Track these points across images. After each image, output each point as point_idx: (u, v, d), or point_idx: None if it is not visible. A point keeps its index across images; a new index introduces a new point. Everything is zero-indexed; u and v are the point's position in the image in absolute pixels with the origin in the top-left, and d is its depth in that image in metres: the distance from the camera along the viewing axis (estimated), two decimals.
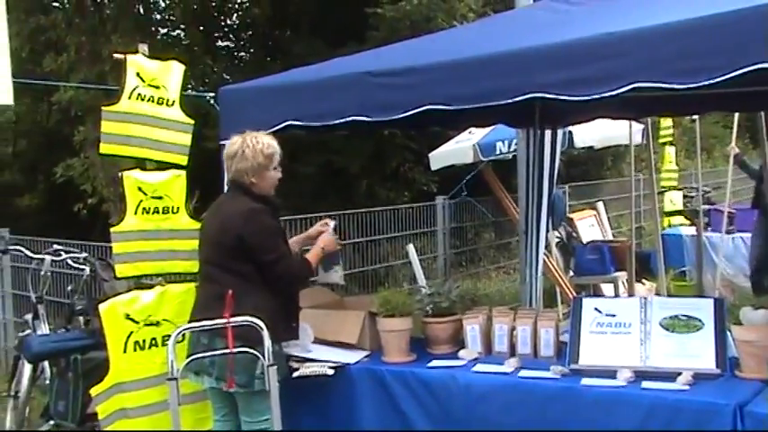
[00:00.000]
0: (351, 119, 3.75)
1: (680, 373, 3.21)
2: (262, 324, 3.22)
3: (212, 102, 4.63)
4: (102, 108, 3.93)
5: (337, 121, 3.81)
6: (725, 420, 2.90)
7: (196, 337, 3.50)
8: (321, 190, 10.41)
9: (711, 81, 2.77)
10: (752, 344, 3.21)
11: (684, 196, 11.20)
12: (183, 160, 4.13)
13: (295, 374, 3.69)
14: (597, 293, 7.79)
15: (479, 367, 3.61)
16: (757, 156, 7.31)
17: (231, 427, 3.66)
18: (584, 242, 8.36)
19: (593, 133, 8.22)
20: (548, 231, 6.08)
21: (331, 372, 3.69)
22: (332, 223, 3.96)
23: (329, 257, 3.93)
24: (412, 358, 3.80)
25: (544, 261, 6.24)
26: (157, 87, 4.05)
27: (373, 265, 8.27)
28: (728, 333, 3.36)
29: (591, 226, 9.32)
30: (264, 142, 3.60)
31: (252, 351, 3.24)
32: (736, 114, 8.01)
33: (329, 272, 4.06)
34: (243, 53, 12.56)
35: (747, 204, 8.39)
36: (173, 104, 4.11)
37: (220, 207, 3.68)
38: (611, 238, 9.53)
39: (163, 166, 4.06)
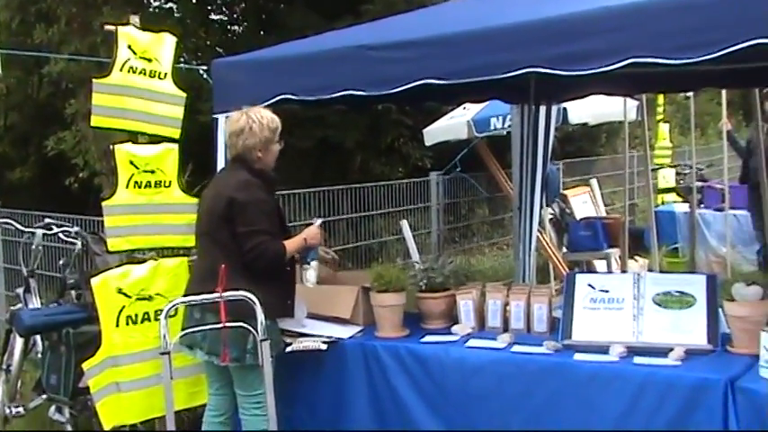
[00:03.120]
0: (345, 93, 3.72)
1: (672, 349, 3.22)
2: (255, 299, 3.21)
3: (205, 75, 4.59)
4: (93, 80, 3.90)
5: (332, 95, 3.78)
6: (716, 395, 2.91)
7: (189, 311, 3.51)
8: (316, 165, 10.37)
9: (709, 56, 2.75)
10: (744, 319, 3.22)
11: (677, 173, 11.23)
12: (176, 134, 4.10)
13: (288, 349, 3.69)
14: (590, 269, 7.82)
15: (472, 342, 3.62)
16: (750, 132, 7.31)
17: (226, 401, 3.67)
18: (578, 218, 8.37)
19: (588, 109, 8.21)
20: (541, 207, 6.08)
21: (324, 347, 3.70)
22: (319, 220, 3.91)
23: (305, 253, 3.77)
24: (405, 333, 3.81)
25: (538, 237, 6.26)
26: (149, 60, 4.01)
27: (367, 240, 8.26)
28: (720, 309, 3.37)
29: (584, 202, 9.33)
30: (268, 116, 3.63)
31: (244, 325, 3.24)
32: (724, 91, 8.00)
33: (302, 270, 3.84)
34: (237, 26, 12.42)
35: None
36: (165, 77, 4.08)
37: (218, 180, 3.70)
38: (604, 214, 9.54)
39: (155, 139, 4.04)
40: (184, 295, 3.54)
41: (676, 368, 3.11)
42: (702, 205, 9.89)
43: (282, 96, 3.91)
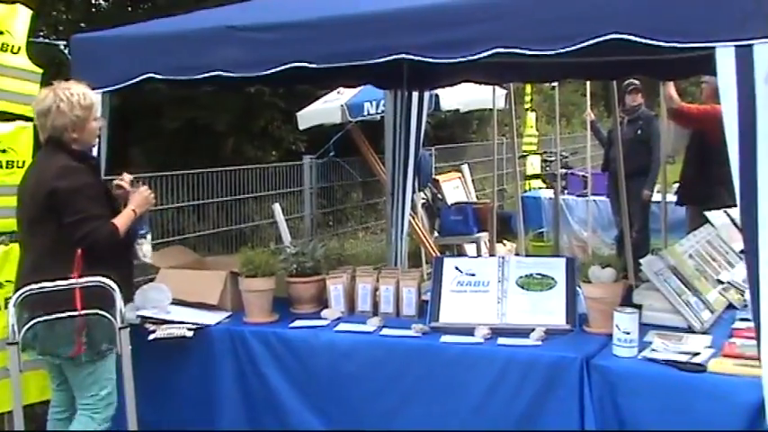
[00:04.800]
0: (214, 74, 3.63)
1: (533, 330, 3.34)
2: (113, 285, 3.07)
3: (66, 51, 4.36)
4: None
5: (200, 76, 3.68)
6: (573, 373, 3.05)
7: (18, 310, 3.12)
8: (186, 147, 10.10)
9: (569, 49, 2.85)
10: (599, 300, 3.38)
11: (543, 161, 11.67)
12: (31, 111, 3.87)
13: (152, 337, 3.57)
14: (461, 253, 8.02)
15: (342, 326, 3.63)
16: (611, 122, 7.69)
17: (69, 397, 3.45)
18: (449, 203, 8.56)
19: (459, 97, 8.39)
20: (414, 192, 6.17)
21: (190, 333, 3.60)
22: (127, 177, 3.57)
23: (136, 226, 3.49)
24: (274, 318, 3.77)
25: (410, 222, 6.34)
26: (1, 33, 3.77)
27: (238, 224, 8.14)
28: (579, 290, 3.53)
29: (456, 188, 9.55)
30: (80, 93, 3.31)
31: (102, 313, 3.07)
32: (588, 83, 8.39)
33: (135, 246, 3.55)
34: (101, 1, 11.89)
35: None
36: (18, 51, 3.86)
37: (37, 166, 3.41)
38: (474, 199, 9.79)
39: (8, 116, 3.81)
40: (15, 289, 3.24)
41: (537, 348, 3.24)
42: (566, 191, 10.34)
43: (147, 75, 3.77)
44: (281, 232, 7.23)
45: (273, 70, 3.45)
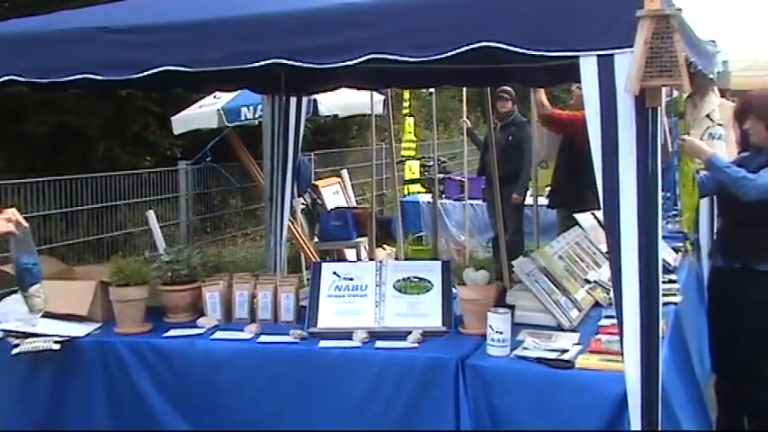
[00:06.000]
0: (81, 77, 3.48)
1: (410, 332, 3.39)
2: None
3: None
4: None
5: (66, 79, 3.52)
6: (449, 373, 3.11)
7: None
8: (53, 152, 9.68)
9: (441, 56, 2.90)
10: (473, 302, 3.46)
11: (422, 165, 11.87)
12: None
13: (15, 351, 3.39)
14: (341, 258, 8.05)
15: (219, 334, 3.56)
16: (486, 128, 7.90)
17: None
18: (329, 209, 8.58)
19: (338, 102, 8.43)
20: (293, 198, 6.15)
21: (57, 346, 3.44)
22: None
23: (21, 270, 3.16)
24: (147, 328, 3.66)
25: (289, 227, 6.32)
26: None
27: (110, 232, 7.88)
28: (455, 292, 3.60)
29: (335, 193, 9.59)
30: None
31: None
32: (465, 89, 8.62)
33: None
34: None
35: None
36: None
37: None
38: (354, 204, 9.86)
39: None
40: None
41: (414, 350, 3.28)
42: (444, 196, 10.57)
43: (7, 78, 3.58)
44: (155, 240, 7.04)
45: (145, 74, 3.35)
